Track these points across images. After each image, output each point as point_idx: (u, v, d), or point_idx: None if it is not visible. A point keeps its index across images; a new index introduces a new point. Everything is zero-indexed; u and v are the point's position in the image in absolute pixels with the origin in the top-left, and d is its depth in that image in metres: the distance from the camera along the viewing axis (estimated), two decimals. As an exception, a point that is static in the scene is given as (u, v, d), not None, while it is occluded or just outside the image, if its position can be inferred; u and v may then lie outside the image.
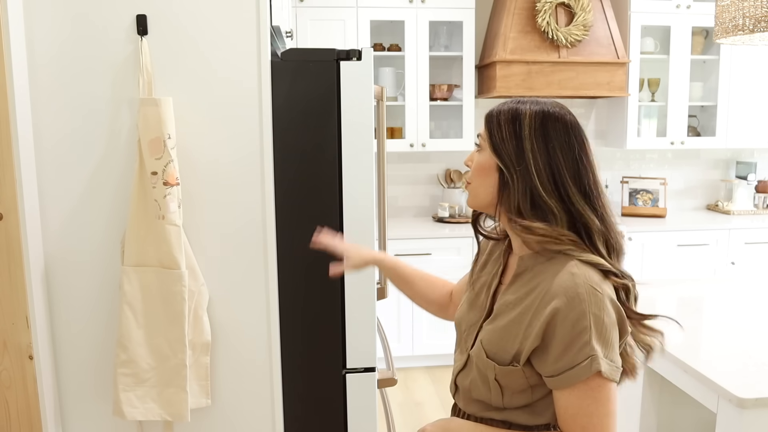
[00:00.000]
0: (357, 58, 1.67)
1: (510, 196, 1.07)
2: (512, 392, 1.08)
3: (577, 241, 1.04)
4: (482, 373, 1.10)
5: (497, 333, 1.09)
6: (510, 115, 1.09)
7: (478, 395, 1.13)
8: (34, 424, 1.58)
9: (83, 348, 1.66)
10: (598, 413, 0.99)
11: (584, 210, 1.05)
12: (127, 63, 1.57)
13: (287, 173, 1.69)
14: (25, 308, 1.54)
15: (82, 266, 1.63)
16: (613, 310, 1.02)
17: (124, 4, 1.55)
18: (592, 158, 1.08)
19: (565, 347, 0.99)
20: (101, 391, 1.68)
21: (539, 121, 1.06)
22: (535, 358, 1.04)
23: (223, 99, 1.61)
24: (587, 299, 0.98)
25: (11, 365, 1.55)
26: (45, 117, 1.57)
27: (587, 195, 1.06)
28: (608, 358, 0.99)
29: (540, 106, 1.09)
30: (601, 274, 1.03)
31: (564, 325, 0.99)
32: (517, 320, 1.06)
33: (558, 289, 1.00)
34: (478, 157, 1.14)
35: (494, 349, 1.09)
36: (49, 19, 1.53)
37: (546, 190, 1.04)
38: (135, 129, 1.58)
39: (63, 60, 1.55)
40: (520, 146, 1.06)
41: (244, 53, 1.60)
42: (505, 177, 1.07)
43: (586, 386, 0.99)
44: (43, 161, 1.58)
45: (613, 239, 1.07)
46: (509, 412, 1.10)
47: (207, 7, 1.58)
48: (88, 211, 1.61)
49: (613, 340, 1.01)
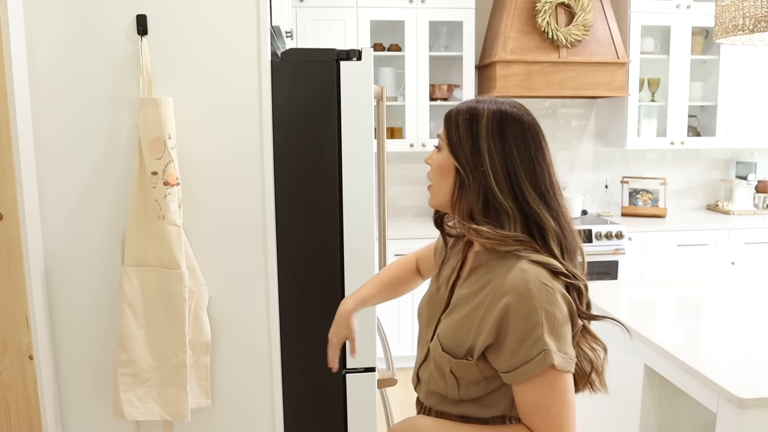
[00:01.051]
0: (357, 58, 1.67)
1: (465, 197, 1.09)
2: (467, 384, 1.10)
3: (524, 241, 1.06)
4: (439, 365, 1.12)
5: (452, 326, 1.11)
6: (468, 115, 1.10)
7: (436, 388, 1.15)
8: (34, 424, 1.58)
9: (83, 348, 1.66)
10: (556, 403, 1.02)
11: (539, 210, 1.06)
12: (127, 63, 1.57)
13: (287, 173, 1.69)
14: (25, 308, 1.54)
15: (82, 266, 1.63)
16: (565, 305, 1.03)
17: (124, 5, 1.55)
18: (548, 159, 1.10)
19: (519, 343, 1.01)
20: (101, 391, 1.68)
21: (496, 121, 1.08)
22: (490, 354, 1.06)
23: (223, 99, 1.61)
24: (538, 295, 1.00)
25: (11, 365, 1.55)
26: (45, 117, 1.57)
27: (543, 195, 1.07)
28: (561, 351, 1.01)
29: (498, 105, 1.10)
30: (551, 273, 1.04)
31: (516, 322, 1.01)
32: (471, 315, 1.09)
33: (509, 285, 1.02)
34: (437, 157, 1.15)
35: (449, 343, 1.11)
36: (49, 19, 1.53)
37: (501, 190, 1.06)
38: (135, 129, 1.58)
39: (63, 60, 1.55)
40: (476, 146, 1.07)
41: (244, 53, 1.60)
42: (462, 177, 1.09)
43: (543, 379, 1.01)
44: (43, 161, 1.58)
45: (568, 239, 1.09)
46: (465, 406, 1.12)
47: (207, 7, 1.58)
48: (88, 211, 1.61)
49: (565, 333, 1.03)
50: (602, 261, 3.76)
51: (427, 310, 1.24)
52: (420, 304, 1.29)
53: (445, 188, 1.13)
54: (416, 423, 1.15)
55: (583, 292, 1.08)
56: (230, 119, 1.62)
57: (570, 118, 4.29)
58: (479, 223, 1.07)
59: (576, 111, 4.28)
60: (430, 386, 1.17)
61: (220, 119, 1.62)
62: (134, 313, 1.58)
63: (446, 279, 1.22)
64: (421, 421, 1.15)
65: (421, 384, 1.21)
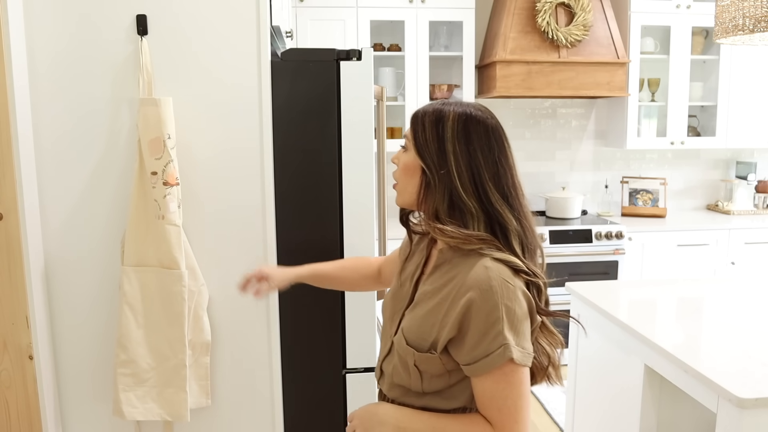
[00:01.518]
0: (357, 58, 1.67)
1: (431, 197, 1.13)
2: (430, 377, 1.13)
3: (487, 240, 1.10)
4: (403, 359, 1.16)
5: (416, 321, 1.15)
6: (434, 117, 1.13)
7: (399, 380, 1.18)
8: (34, 424, 1.58)
9: (83, 348, 1.66)
10: (512, 395, 1.07)
11: (502, 210, 1.11)
12: (127, 63, 1.57)
13: (287, 173, 1.69)
14: (25, 308, 1.54)
15: (82, 266, 1.63)
16: (525, 301, 1.08)
17: (124, 5, 1.55)
18: (511, 161, 1.14)
19: (480, 337, 1.05)
20: (101, 391, 1.68)
21: (462, 124, 1.12)
22: (452, 347, 1.10)
23: (223, 99, 1.61)
24: (499, 291, 1.05)
25: (11, 365, 1.55)
26: (45, 117, 1.57)
27: (505, 196, 1.12)
28: (520, 345, 1.06)
29: (463, 108, 1.14)
30: (513, 271, 1.09)
31: (478, 317, 1.05)
32: (435, 310, 1.12)
33: (472, 282, 1.06)
34: (404, 157, 1.18)
35: (413, 337, 1.14)
36: (49, 19, 1.53)
37: (466, 191, 1.10)
38: (134, 129, 1.58)
39: (63, 60, 1.55)
40: (442, 148, 1.11)
41: (244, 53, 1.60)
42: (428, 178, 1.13)
43: (501, 372, 1.06)
44: (43, 161, 1.58)
45: (529, 239, 1.13)
46: (428, 398, 1.15)
47: (207, 7, 1.58)
48: (87, 211, 1.61)
49: (524, 329, 1.07)
50: (602, 261, 3.76)
51: (391, 305, 1.28)
52: (384, 299, 1.32)
53: (411, 188, 1.16)
54: (378, 409, 1.19)
55: (542, 289, 1.13)
56: (230, 119, 1.62)
57: (570, 118, 4.29)
58: (444, 222, 1.11)
59: (576, 111, 4.28)
60: (393, 379, 1.20)
61: (220, 119, 1.62)
62: (134, 313, 1.58)
63: (410, 275, 1.25)
64: (383, 408, 1.19)
65: (385, 377, 1.24)
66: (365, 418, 1.19)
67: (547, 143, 4.27)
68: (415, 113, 1.17)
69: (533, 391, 3.50)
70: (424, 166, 1.13)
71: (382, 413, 1.18)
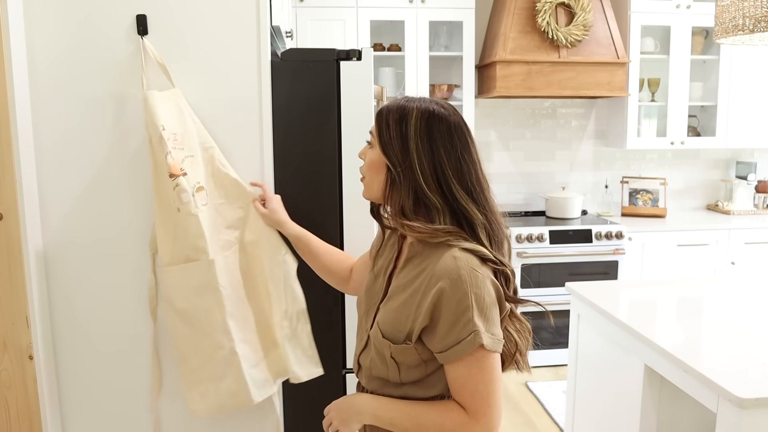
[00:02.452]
0: (357, 58, 1.67)
1: (396, 193, 1.15)
2: (407, 368, 1.16)
3: (453, 232, 1.12)
4: (380, 351, 1.18)
5: (391, 314, 1.17)
6: (398, 115, 1.15)
7: (378, 373, 1.20)
8: (34, 424, 1.58)
9: (83, 348, 1.66)
10: (484, 380, 1.10)
11: (467, 205, 1.13)
12: (127, 63, 1.57)
13: (287, 173, 1.69)
14: (25, 308, 1.54)
15: (82, 266, 1.63)
16: (493, 289, 1.11)
17: (124, 5, 1.55)
18: (475, 156, 1.16)
19: (451, 325, 1.08)
20: (101, 391, 1.68)
21: (424, 121, 1.13)
22: (425, 336, 1.12)
23: (224, 99, 1.61)
24: (468, 280, 1.07)
25: (11, 365, 1.55)
26: (45, 117, 1.57)
27: (470, 191, 1.14)
28: (489, 332, 1.09)
29: (426, 105, 1.15)
30: (480, 260, 1.11)
31: (449, 305, 1.08)
32: (408, 302, 1.14)
33: (442, 272, 1.09)
34: (370, 153, 1.21)
35: (389, 329, 1.16)
36: (49, 19, 1.53)
37: (430, 187, 1.12)
38: (134, 129, 1.58)
39: (63, 60, 1.55)
40: (405, 146, 1.13)
41: (245, 53, 1.60)
42: (393, 174, 1.15)
43: (472, 358, 1.08)
44: (43, 161, 1.58)
45: (495, 231, 1.16)
46: (406, 388, 1.18)
47: (207, 7, 1.58)
48: (87, 211, 1.61)
49: (493, 316, 1.10)
50: (602, 261, 3.76)
51: (365, 299, 1.29)
52: (359, 294, 1.34)
53: (377, 183, 1.19)
54: (355, 400, 1.22)
55: (510, 278, 1.16)
56: (230, 119, 1.62)
57: (570, 118, 4.29)
58: (410, 218, 1.14)
59: (576, 111, 4.29)
60: (372, 372, 1.22)
61: (220, 119, 1.62)
62: (176, 311, 1.54)
63: (383, 269, 1.27)
64: (360, 398, 1.22)
65: (363, 370, 1.26)
66: (342, 408, 1.22)
67: (547, 143, 4.27)
68: (380, 110, 1.19)
69: (533, 391, 3.50)
70: (388, 164, 1.15)
71: (359, 403, 1.21)
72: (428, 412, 1.14)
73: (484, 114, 4.17)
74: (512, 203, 4.27)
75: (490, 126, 4.20)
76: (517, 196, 4.29)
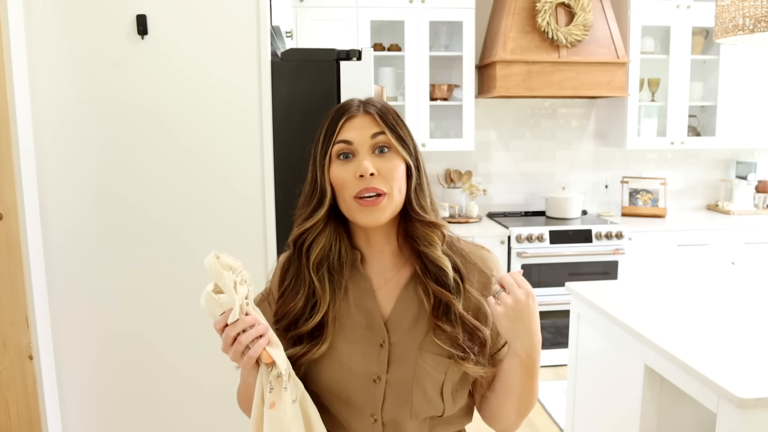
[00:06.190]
0: (357, 58, 1.67)
1: (422, 191, 1.07)
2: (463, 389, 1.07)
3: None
4: (435, 381, 1.02)
5: (461, 324, 1.03)
6: (396, 113, 1.09)
7: (427, 411, 1.03)
8: (34, 424, 1.58)
9: (83, 348, 1.66)
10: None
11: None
12: (127, 63, 1.57)
13: (287, 173, 1.69)
14: (25, 308, 1.54)
15: (82, 266, 1.63)
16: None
17: (124, 5, 1.55)
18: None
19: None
20: (101, 391, 1.68)
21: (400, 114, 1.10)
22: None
23: (224, 98, 1.61)
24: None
25: (11, 365, 1.55)
26: (45, 117, 1.57)
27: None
28: None
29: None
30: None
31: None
32: (476, 303, 1.07)
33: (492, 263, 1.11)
34: (388, 163, 1.04)
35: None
36: (49, 19, 1.53)
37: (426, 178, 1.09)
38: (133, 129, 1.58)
39: (63, 60, 1.55)
40: (413, 140, 1.09)
41: (245, 53, 1.60)
42: (412, 173, 1.06)
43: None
44: (43, 161, 1.58)
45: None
46: (458, 420, 1.09)
47: (207, 7, 1.58)
48: (87, 211, 1.61)
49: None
50: (602, 261, 3.76)
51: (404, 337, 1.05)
52: (348, 363, 1.04)
53: (402, 192, 1.05)
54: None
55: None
56: (230, 119, 1.62)
57: (570, 118, 4.29)
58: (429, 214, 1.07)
59: (576, 111, 4.28)
60: (419, 415, 1.04)
61: (220, 119, 1.62)
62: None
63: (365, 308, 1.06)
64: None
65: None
66: (535, 311, 1.00)
67: (547, 143, 4.27)
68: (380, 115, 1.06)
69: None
70: (410, 162, 1.05)
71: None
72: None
73: (484, 114, 4.17)
74: (512, 203, 4.28)
75: (490, 126, 4.20)
76: (517, 196, 4.29)
